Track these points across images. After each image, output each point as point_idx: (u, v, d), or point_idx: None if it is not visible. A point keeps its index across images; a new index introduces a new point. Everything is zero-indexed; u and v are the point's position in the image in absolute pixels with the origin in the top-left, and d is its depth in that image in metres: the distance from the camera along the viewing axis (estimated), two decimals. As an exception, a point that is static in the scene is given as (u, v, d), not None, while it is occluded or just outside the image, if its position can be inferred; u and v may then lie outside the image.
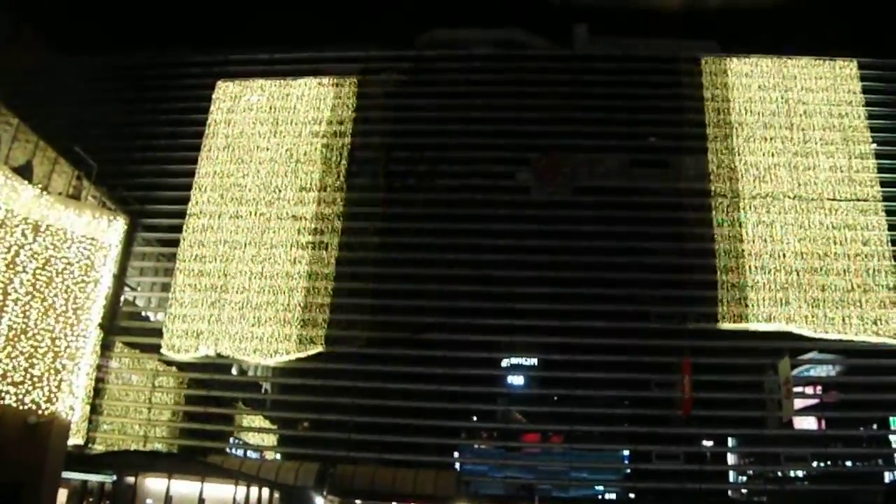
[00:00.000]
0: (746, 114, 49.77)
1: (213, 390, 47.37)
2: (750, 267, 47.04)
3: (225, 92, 51.86)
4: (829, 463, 46.45)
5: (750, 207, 48.04)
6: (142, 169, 51.08)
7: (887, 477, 45.33)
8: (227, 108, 51.26)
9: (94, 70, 53.74)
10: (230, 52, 53.88)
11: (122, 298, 48.64)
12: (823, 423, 47.69)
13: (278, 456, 47.38)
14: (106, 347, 46.45)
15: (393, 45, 53.81)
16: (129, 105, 52.42)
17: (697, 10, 53.51)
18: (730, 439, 48.08)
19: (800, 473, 47.11)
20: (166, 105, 52.41)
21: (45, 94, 49.82)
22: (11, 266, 24.96)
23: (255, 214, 48.65)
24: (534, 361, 49.28)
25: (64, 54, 53.58)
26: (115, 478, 33.40)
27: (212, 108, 51.33)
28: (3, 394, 24.13)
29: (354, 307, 46.56)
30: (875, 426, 47.45)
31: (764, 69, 50.89)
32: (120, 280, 47.66)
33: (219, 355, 46.06)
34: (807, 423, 47.96)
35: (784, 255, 46.90)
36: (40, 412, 24.90)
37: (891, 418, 47.34)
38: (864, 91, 50.06)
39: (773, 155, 48.76)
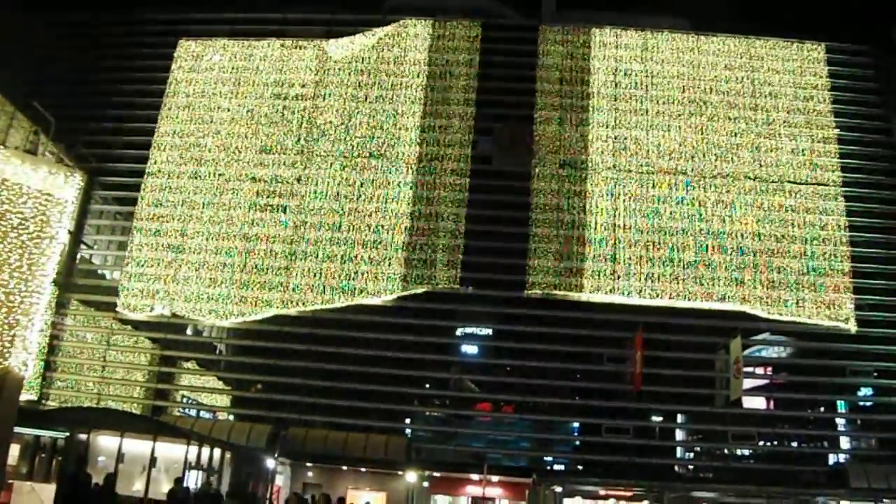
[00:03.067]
0: (711, 93, 49.67)
1: (167, 350, 47.48)
2: (708, 246, 47.32)
3: (186, 51, 51.23)
4: (775, 443, 46.99)
5: (711, 187, 48.16)
6: (101, 126, 50.68)
7: (832, 458, 45.93)
8: (188, 68, 50.69)
9: (54, 26, 52.83)
10: (193, 11, 53.01)
11: (78, 256, 48.44)
12: (772, 403, 48.18)
13: (231, 417, 47.51)
14: (61, 305, 46.48)
15: (361, 9, 53.14)
16: (89, 62, 51.62)
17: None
18: (679, 416, 48.54)
19: (746, 452, 47.77)
20: (127, 62, 51.64)
21: (1, 50, 49.06)
22: (-36, 220, 24.69)
23: (214, 175, 48.38)
24: (488, 331, 49.48)
25: (22, 10, 52.63)
26: (67, 434, 33.48)
27: (173, 66, 50.75)
28: (-45, 348, 24.03)
29: (308, 270, 46.48)
30: (822, 409, 48.09)
31: (731, 48, 50.66)
32: (76, 237, 47.52)
33: (174, 315, 46.04)
34: (756, 403, 48.42)
35: (742, 236, 47.12)
36: (-7, 366, 24.79)
37: (838, 401, 48.05)
38: (831, 76, 49.94)
39: (735, 135, 48.74)
